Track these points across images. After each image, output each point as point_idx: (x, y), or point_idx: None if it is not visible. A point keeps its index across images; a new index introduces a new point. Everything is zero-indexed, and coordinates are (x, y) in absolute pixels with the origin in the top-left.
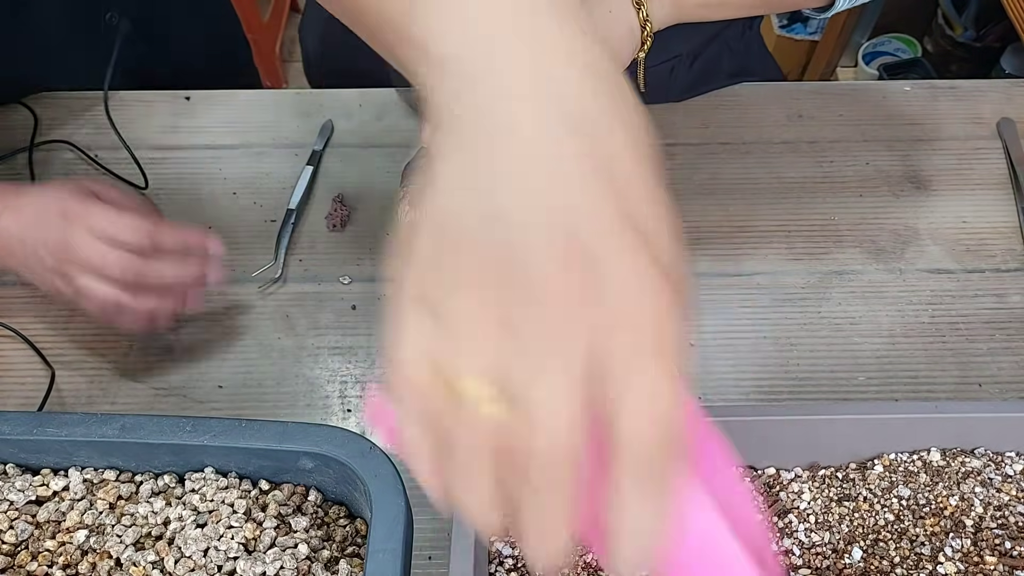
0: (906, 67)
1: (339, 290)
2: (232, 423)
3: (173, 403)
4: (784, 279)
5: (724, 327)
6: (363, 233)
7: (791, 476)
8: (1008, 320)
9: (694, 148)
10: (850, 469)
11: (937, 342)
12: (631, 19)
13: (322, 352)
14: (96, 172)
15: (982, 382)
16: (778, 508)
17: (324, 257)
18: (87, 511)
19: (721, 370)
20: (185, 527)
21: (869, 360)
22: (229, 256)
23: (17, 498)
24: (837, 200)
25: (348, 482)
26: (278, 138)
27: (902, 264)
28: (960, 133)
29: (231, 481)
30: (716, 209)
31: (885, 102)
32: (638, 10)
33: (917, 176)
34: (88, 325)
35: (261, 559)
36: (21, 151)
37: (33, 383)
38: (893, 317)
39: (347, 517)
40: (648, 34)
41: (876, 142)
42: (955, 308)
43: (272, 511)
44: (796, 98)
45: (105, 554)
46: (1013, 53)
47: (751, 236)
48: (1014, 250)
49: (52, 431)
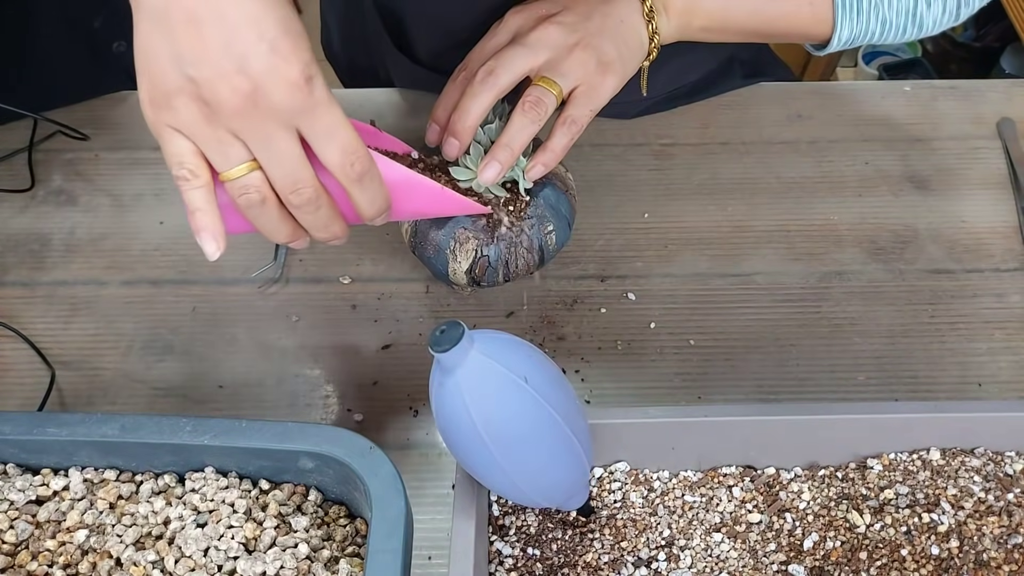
0: (906, 67)
1: (339, 290)
2: (232, 423)
3: (173, 403)
4: (784, 279)
5: (724, 327)
6: (363, 233)
7: (791, 476)
8: (1008, 320)
9: (694, 148)
10: (850, 469)
11: (936, 342)
12: (641, 31)
13: (322, 352)
14: (96, 172)
15: (981, 381)
16: (778, 507)
17: (324, 257)
18: (87, 511)
19: (721, 370)
20: (185, 527)
21: (869, 360)
22: (229, 256)
23: (17, 498)
24: (837, 200)
25: (348, 482)
26: None
27: (902, 264)
28: (960, 133)
29: (231, 481)
30: (716, 209)
31: (885, 102)
32: (648, 23)
33: (917, 176)
34: (88, 325)
35: (261, 559)
36: (21, 151)
37: (33, 383)
38: (893, 317)
39: (347, 517)
40: (655, 46)
41: (876, 142)
42: (955, 308)
43: (272, 511)
44: (796, 98)
45: (105, 554)
46: (1013, 53)
47: (751, 236)
48: (1013, 250)
49: (52, 431)
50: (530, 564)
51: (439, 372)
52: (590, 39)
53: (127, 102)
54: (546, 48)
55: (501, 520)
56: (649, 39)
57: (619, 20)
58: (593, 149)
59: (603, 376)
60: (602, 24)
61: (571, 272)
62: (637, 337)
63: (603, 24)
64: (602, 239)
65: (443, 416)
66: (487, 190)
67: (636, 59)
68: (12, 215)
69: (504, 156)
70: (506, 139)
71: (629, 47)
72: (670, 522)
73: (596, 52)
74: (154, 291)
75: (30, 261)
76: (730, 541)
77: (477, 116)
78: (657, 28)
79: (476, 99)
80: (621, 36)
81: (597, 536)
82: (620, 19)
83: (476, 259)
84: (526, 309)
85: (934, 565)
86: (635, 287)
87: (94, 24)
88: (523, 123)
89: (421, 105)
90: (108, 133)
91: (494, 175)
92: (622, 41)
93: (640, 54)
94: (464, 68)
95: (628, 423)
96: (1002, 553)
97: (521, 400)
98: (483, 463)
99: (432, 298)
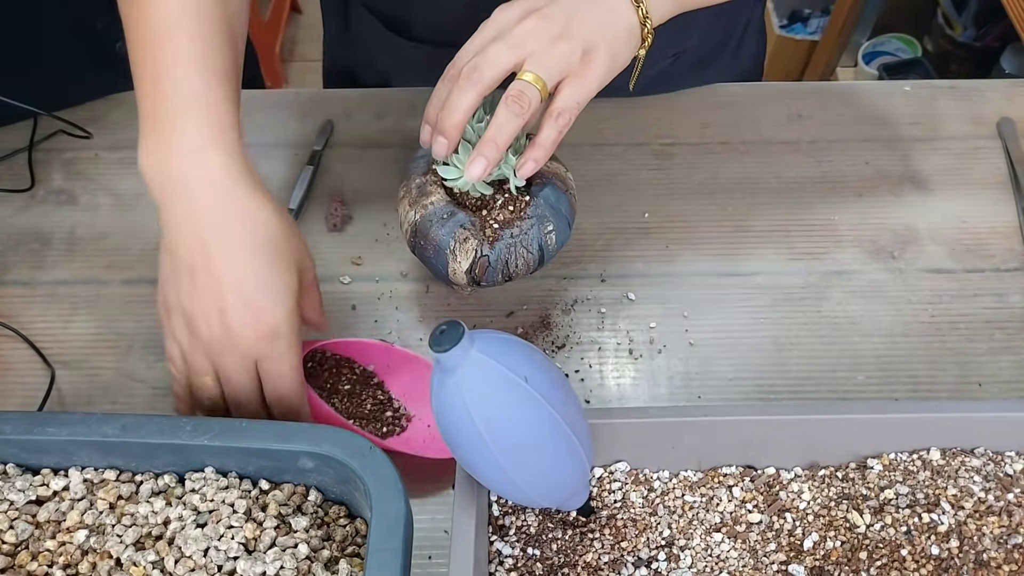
0: (906, 67)
1: (339, 290)
2: (232, 423)
3: (173, 403)
4: (783, 279)
5: (724, 327)
6: (363, 233)
7: (791, 476)
8: (1008, 320)
9: (694, 148)
10: (850, 469)
11: (937, 342)
12: (630, 17)
13: None
14: (96, 172)
15: (982, 382)
16: (778, 507)
17: (324, 257)
18: (87, 511)
19: (721, 370)
20: (185, 527)
21: (869, 360)
22: None
23: (17, 498)
24: (837, 200)
25: (348, 482)
26: (278, 138)
27: (902, 264)
28: (960, 133)
29: (231, 481)
30: (716, 209)
31: (885, 102)
32: (636, 8)
33: (917, 176)
34: (88, 325)
35: (261, 559)
36: (21, 151)
37: (33, 383)
38: (893, 317)
39: (347, 517)
40: (648, 31)
41: (876, 142)
42: (955, 308)
43: (272, 511)
44: (796, 98)
45: (105, 554)
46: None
47: (750, 236)
48: (1014, 250)
49: (52, 431)
50: (530, 564)
51: (439, 372)
52: (574, 29)
53: (127, 102)
54: (529, 41)
55: (501, 520)
56: (641, 24)
57: (606, 9)
58: (593, 149)
59: (603, 376)
60: (588, 14)
61: (571, 272)
62: (637, 337)
63: (589, 14)
64: (602, 239)
65: (443, 416)
66: (474, 187)
67: (626, 48)
68: (12, 215)
69: (490, 151)
70: (491, 134)
71: (617, 36)
72: (670, 522)
73: (581, 43)
74: (154, 291)
75: (30, 260)
76: (730, 541)
77: (463, 113)
78: (648, 12)
79: (461, 97)
80: (609, 25)
81: (597, 536)
82: (608, 8)
83: (476, 259)
84: (526, 309)
85: (934, 565)
86: (635, 287)
87: (97, 25)
88: (507, 117)
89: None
90: (108, 133)
91: (480, 171)
92: (610, 30)
93: (631, 43)
94: (453, 66)
95: (628, 423)
96: (1002, 553)
97: (521, 400)
98: (483, 463)
99: (432, 298)
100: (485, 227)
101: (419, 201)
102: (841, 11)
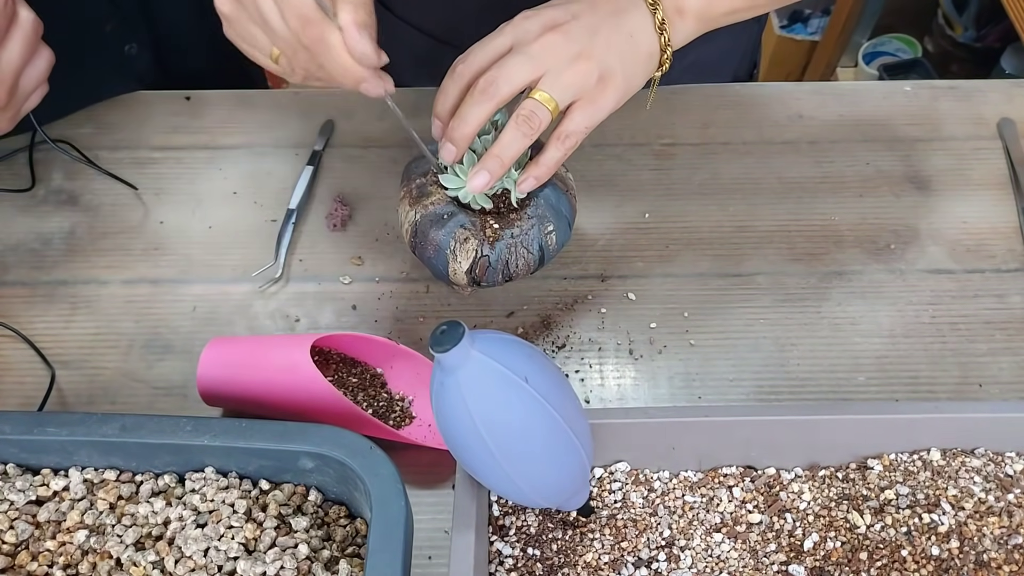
0: (906, 67)
1: (339, 290)
2: (232, 423)
3: (173, 403)
4: (784, 279)
5: (724, 327)
6: (363, 233)
7: (791, 476)
8: (1008, 320)
9: (694, 148)
10: (850, 469)
11: (937, 342)
12: (652, 44)
13: None
14: (96, 172)
15: (982, 382)
16: (778, 508)
17: (324, 257)
18: (87, 511)
19: (721, 370)
20: (185, 527)
21: (869, 360)
22: (229, 256)
23: (17, 498)
24: (837, 200)
25: (348, 482)
26: (278, 138)
27: (902, 264)
28: (960, 133)
29: (231, 481)
30: (716, 209)
31: (885, 102)
32: (660, 34)
33: (917, 176)
34: (88, 325)
35: (261, 559)
36: (21, 151)
37: (33, 383)
38: (893, 317)
39: (347, 517)
40: (667, 57)
41: (876, 142)
42: (955, 308)
43: (272, 511)
44: (796, 98)
45: (105, 554)
46: (1013, 53)
47: (751, 236)
48: (1014, 250)
49: (52, 431)
50: (530, 564)
51: (439, 372)
52: (594, 51)
53: (127, 102)
54: (548, 58)
55: (501, 520)
56: (661, 51)
57: (628, 34)
58: (594, 149)
59: (603, 376)
60: (610, 36)
61: (571, 272)
62: (637, 337)
63: (611, 36)
64: (602, 239)
65: (443, 416)
66: (474, 199)
67: (643, 73)
68: (12, 215)
69: (494, 166)
70: (497, 150)
71: (636, 62)
72: (670, 522)
73: (599, 66)
74: (154, 291)
75: (30, 261)
76: (730, 541)
77: (475, 126)
78: (670, 40)
79: (475, 110)
80: (629, 51)
81: (597, 536)
82: (629, 33)
83: (476, 259)
84: (526, 309)
85: (934, 565)
86: (635, 287)
87: (106, 28)
88: (515, 136)
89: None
90: (108, 133)
91: (482, 184)
92: (629, 56)
93: (649, 67)
94: (463, 61)
95: (628, 423)
96: (1002, 554)
97: (521, 400)
98: (483, 463)
99: (432, 298)
100: (485, 227)
101: (419, 201)
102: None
